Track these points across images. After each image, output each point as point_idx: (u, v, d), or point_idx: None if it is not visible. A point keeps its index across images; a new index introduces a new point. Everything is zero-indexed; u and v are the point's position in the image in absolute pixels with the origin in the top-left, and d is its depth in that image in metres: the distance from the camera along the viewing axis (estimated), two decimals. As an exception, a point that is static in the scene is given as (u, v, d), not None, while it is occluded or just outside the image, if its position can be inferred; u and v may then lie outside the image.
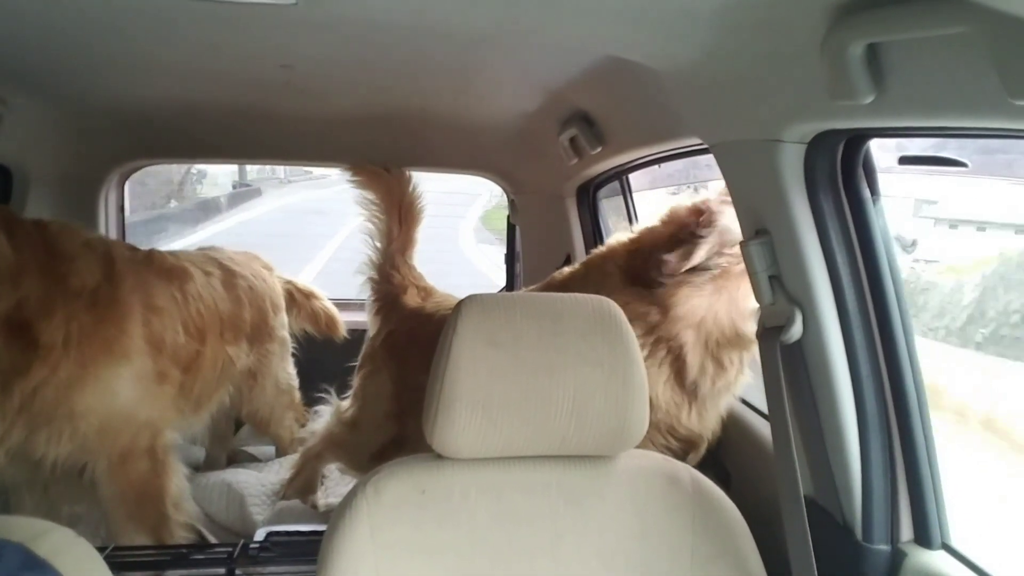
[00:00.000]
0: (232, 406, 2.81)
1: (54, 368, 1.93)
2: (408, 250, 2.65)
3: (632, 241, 1.99)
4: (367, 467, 2.45)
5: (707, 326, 1.81)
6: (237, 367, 2.65)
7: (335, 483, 2.86)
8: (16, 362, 1.90)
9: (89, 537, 1.11)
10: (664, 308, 1.81)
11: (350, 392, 2.60)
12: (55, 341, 1.94)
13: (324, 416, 2.71)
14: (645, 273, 1.86)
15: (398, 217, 2.64)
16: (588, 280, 2.00)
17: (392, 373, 2.44)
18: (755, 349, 1.87)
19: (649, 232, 1.96)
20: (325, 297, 3.22)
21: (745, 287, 1.76)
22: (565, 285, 2.06)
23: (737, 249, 1.74)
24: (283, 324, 2.90)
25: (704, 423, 1.89)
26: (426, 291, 2.57)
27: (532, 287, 2.26)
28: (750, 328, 1.82)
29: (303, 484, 2.68)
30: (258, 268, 2.83)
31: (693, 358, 1.81)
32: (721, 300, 1.81)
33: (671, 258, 1.78)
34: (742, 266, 1.75)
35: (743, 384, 1.91)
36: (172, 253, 2.55)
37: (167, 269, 2.38)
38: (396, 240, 2.63)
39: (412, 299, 2.52)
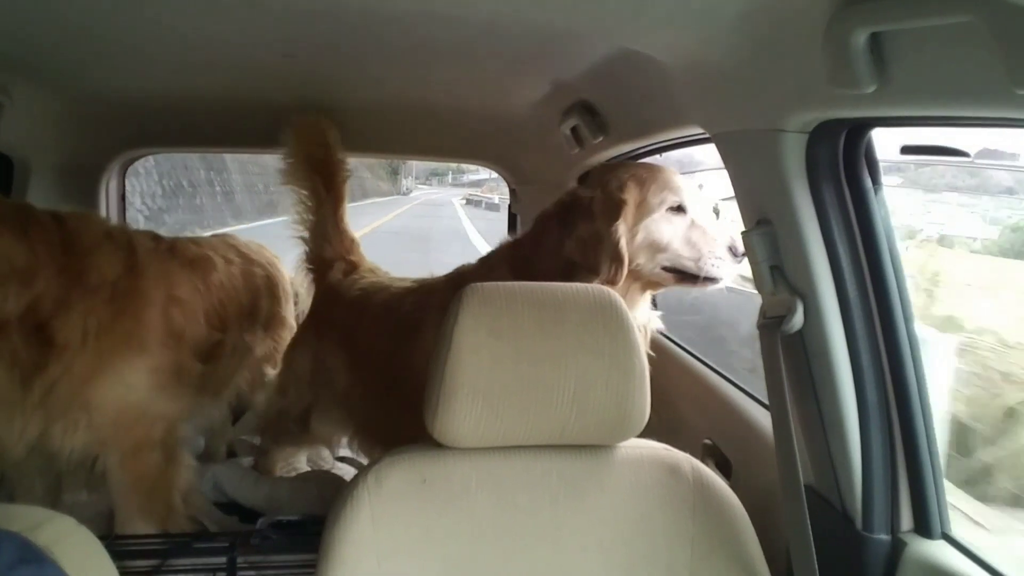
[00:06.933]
0: (245, 392, 2.83)
1: (70, 364, 1.93)
2: (340, 211, 2.57)
3: (517, 239, 2.11)
4: (295, 435, 2.60)
5: None
6: (255, 354, 2.67)
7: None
8: (34, 360, 1.90)
9: (91, 525, 1.11)
10: None
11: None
12: (71, 338, 1.93)
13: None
14: (528, 267, 1.93)
15: (321, 174, 2.54)
16: (481, 275, 2.04)
17: (311, 350, 2.49)
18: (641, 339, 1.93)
19: (528, 232, 2.08)
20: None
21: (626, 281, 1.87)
22: (463, 277, 2.10)
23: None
24: (291, 312, 2.92)
25: None
26: (351, 265, 2.54)
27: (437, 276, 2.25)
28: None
29: (267, 465, 2.74)
30: (270, 257, 2.84)
31: None
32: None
33: (603, 277, 1.84)
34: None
35: None
36: (195, 241, 2.53)
37: (190, 259, 2.36)
38: (326, 202, 2.55)
39: (335, 274, 2.51)
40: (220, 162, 17.64)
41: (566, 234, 1.90)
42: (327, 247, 2.56)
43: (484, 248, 2.41)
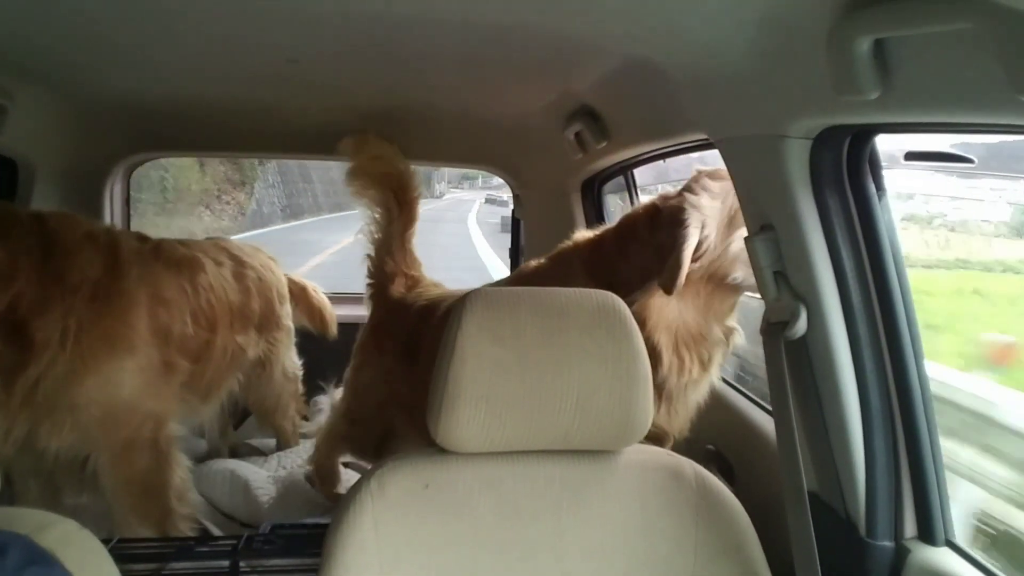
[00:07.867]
0: (240, 394, 2.84)
1: (51, 364, 1.94)
2: (409, 230, 2.59)
3: (596, 237, 2.03)
4: (373, 458, 2.51)
5: (676, 328, 1.83)
6: (247, 355, 2.68)
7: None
8: (14, 360, 1.91)
9: (93, 529, 1.11)
10: (640, 320, 1.73)
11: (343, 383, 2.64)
12: (50, 338, 1.93)
13: (325, 409, 2.72)
14: (608, 273, 1.88)
15: (395, 194, 2.57)
16: (553, 273, 2.02)
17: (378, 365, 2.46)
18: (720, 351, 1.89)
19: (610, 232, 2.00)
20: (321, 291, 3.24)
21: (714, 292, 1.82)
22: (532, 278, 2.07)
23: (704, 257, 1.77)
24: (288, 314, 2.93)
25: (672, 421, 1.90)
26: (413, 280, 2.55)
27: (502, 280, 2.24)
28: (716, 331, 1.86)
29: (326, 476, 2.71)
30: (265, 259, 2.85)
31: (665, 358, 1.82)
32: (690, 304, 1.83)
33: (663, 282, 1.76)
34: (703, 271, 1.79)
35: (707, 384, 1.92)
36: (183, 243, 2.55)
37: (176, 260, 2.38)
38: (397, 219, 2.57)
39: (398, 288, 2.51)
40: (307, 173, 24.95)
41: (651, 239, 1.85)
42: (388, 261, 2.56)
43: (474, 228, 2.44)
